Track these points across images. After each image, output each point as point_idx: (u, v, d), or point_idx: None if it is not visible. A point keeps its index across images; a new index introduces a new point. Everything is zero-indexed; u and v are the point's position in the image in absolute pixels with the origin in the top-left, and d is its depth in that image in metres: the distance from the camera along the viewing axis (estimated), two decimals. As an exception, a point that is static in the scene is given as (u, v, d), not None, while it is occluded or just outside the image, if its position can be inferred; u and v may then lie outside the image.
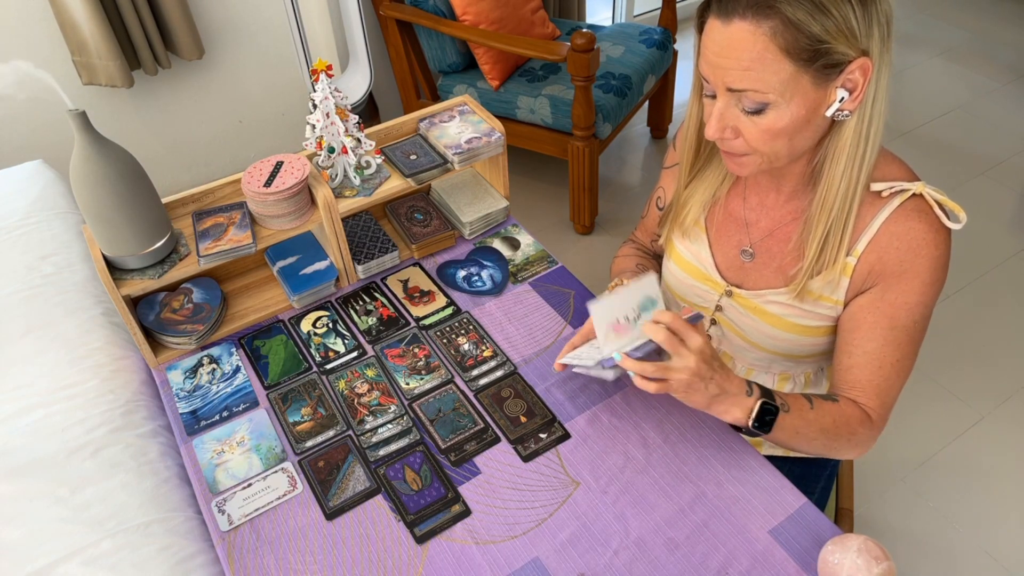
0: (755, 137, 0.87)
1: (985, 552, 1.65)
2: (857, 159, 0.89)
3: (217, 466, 1.02)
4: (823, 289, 0.97)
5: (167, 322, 1.15)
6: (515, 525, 0.93)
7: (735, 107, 0.86)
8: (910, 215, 0.91)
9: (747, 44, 0.81)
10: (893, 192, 0.92)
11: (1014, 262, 2.32)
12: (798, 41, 0.79)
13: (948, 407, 1.94)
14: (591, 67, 2.02)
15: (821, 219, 0.93)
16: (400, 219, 1.34)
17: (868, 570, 0.80)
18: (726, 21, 0.82)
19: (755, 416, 0.88)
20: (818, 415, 0.93)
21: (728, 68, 0.83)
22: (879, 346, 0.94)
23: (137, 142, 2.39)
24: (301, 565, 0.91)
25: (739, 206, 1.05)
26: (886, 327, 0.93)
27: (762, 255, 1.03)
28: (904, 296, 0.92)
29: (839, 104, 0.84)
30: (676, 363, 0.85)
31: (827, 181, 0.91)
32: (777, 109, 0.84)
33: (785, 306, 1.01)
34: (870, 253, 0.93)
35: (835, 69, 0.82)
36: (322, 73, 1.11)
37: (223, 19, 2.35)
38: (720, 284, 1.06)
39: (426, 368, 1.12)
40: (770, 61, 0.81)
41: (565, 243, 2.48)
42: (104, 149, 1.00)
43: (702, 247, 1.08)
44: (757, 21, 0.80)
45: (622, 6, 3.40)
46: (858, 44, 0.81)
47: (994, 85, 3.08)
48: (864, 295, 0.95)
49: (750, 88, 0.83)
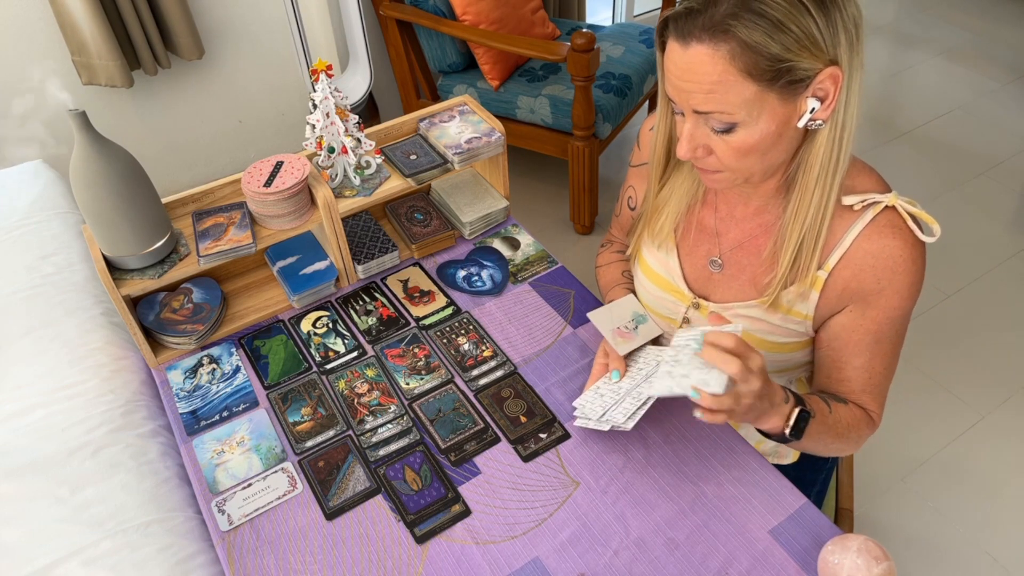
0: (727, 155, 0.86)
1: (985, 552, 1.65)
2: (831, 166, 0.87)
3: (217, 466, 1.02)
4: (793, 302, 0.96)
5: (167, 322, 1.15)
6: (515, 525, 0.93)
7: (704, 127, 0.85)
8: (884, 232, 0.89)
9: (707, 68, 0.79)
10: (865, 205, 0.90)
11: (1014, 262, 2.32)
12: (758, 63, 0.77)
13: (948, 407, 1.94)
14: (591, 67, 2.02)
15: (795, 229, 0.91)
16: (400, 219, 1.34)
17: (868, 570, 0.80)
18: (684, 44, 0.80)
19: (793, 424, 0.86)
20: (836, 419, 0.93)
21: (691, 91, 0.81)
22: (867, 360, 0.95)
23: (137, 142, 2.38)
24: (301, 565, 0.91)
25: (710, 215, 1.03)
26: (871, 342, 0.94)
27: (731, 266, 1.01)
28: (885, 312, 0.92)
29: (811, 114, 0.82)
30: (743, 389, 0.80)
31: (800, 190, 0.89)
32: (746, 127, 0.82)
33: (754, 321, 0.99)
34: (843, 269, 0.92)
35: (801, 83, 0.80)
36: (322, 73, 1.11)
37: (223, 19, 2.35)
38: (687, 296, 1.05)
39: (426, 368, 1.12)
40: (732, 83, 0.79)
41: (565, 243, 2.48)
42: (104, 149, 1.00)
43: (671, 257, 1.06)
44: (714, 44, 0.77)
45: (622, 6, 3.40)
46: (824, 55, 0.78)
47: (994, 85, 3.08)
48: (844, 314, 0.94)
49: (715, 110, 0.81)
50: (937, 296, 2.20)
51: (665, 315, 1.10)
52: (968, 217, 2.47)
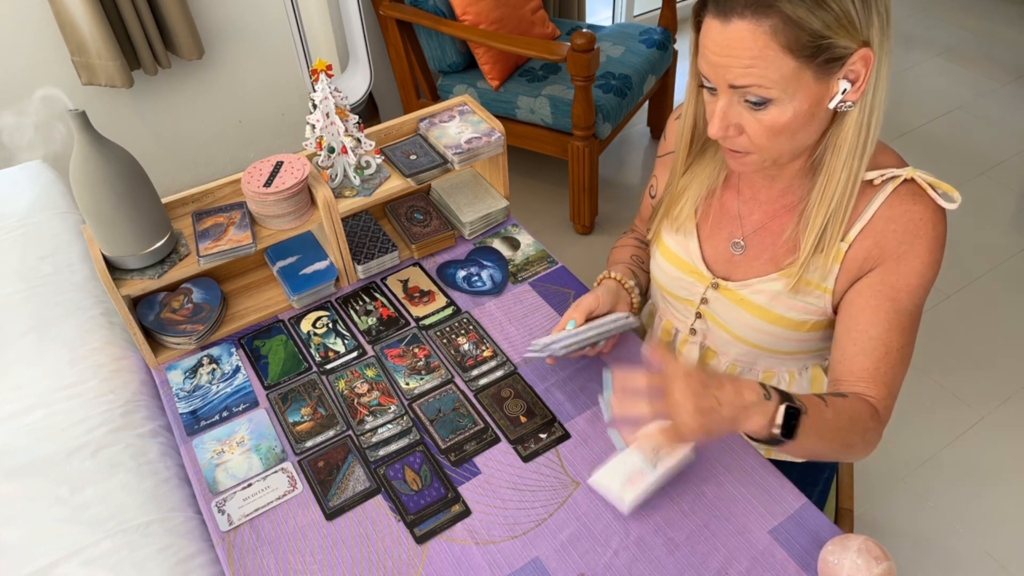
0: (758, 133, 0.87)
1: (985, 552, 1.65)
2: (858, 149, 0.88)
3: (217, 466, 1.02)
4: (813, 275, 0.96)
5: (167, 322, 1.15)
6: (515, 525, 0.93)
7: (737, 104, 0.86)
8: (905, 199, 0.91)
9: (748, 43, 0.80)
10: (885, 179, 0.92)
11: (1014, 262, 2.32)
12: (799, 38, 0.79)
13: (948, 407, 1.94)
14: (591, 67, 2.02)
15: (820, 210, 0.92)
16: (400, 219, 1.34)
17: (868, 570, 0.80)
18: (725, 20, 0.81)
19: (781, 422, 0.81)
20: (835, 413, 0.88)
21: (729, 66, 0.83)
22: (885, 331, 0.92)
23: (137, 142, 2.38)
24: (301, 565, 0.91)
25: (733, 198, 1.04)
26: (890, 310, 0.92)
27: (753, 247, 1.02)
28: (906, 278, 0.92)
29: (842, 95, 0.84)
30: (678, 421, 0.78)
31: (827, 172, 0.91)
32: (780, 105, 0.84)
33: (773, 296, 1.00)
34: (865, 239, 0.93)
35: (837, 62, 0.82)
36: (322, 73, 1.11)
37: (223, 19, 2.35)
38: (706, 276, 1.06)
39: (426, 368, 1.12)
40: (772, 58, 0.80)
41: (565, 243, 2.48)
42: (104, 149, 1.00)
43: (690, 239, 1.07)
44: (757, 20, 0.79)
45: (622, 6, 3.40)
46: (859, 35, 0.81)
47: (994, 85, 3.08)
48: (863, 280, 0.94)
49: (753, 84, 0.82)
50: (937, 296, 2.20)
51: (683, 296, 1.10)
52: (968, 217, 2.47)
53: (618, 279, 1.12)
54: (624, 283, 1.12)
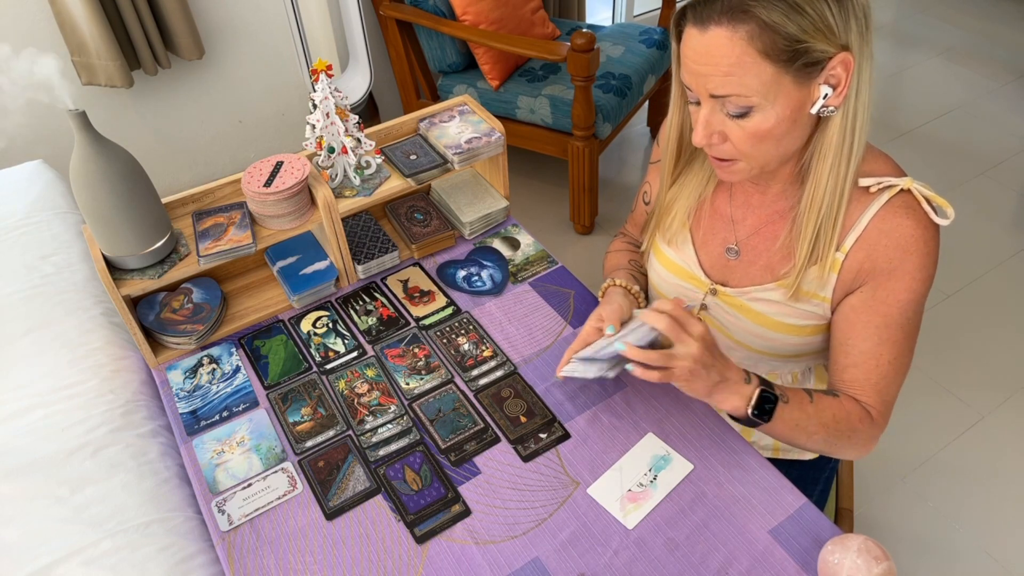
0: (742, 141, 0.87)
1: (985, 552, 1.65)
2: (844, 154, 0.89)
3: (217, 466, 1.02)
4: (811, 285, 0.97)
5: (167, 322, 1.15)
6: (515, 525, 0.93)
7: (720, 112, 0.87)
8: (898, 212, 0.91)
9: (725, 50, 0.81)
10: (881, 187, 0.92)
11: (1014, 262, 2.32)
12: (776, 43, 0.80)
13: (948, 407, 1.94)
14: (591, 67, 2.02)
15: (811, 217, 0.93)
16: (400, 219, 1.34)
17: (868, 570, 0.80)
18: (702, 29, 0.82)
19: (754, 404, 0.88)
20: (818, 409, 0.92)
21: (708, 75, 0.83)
22: (875, 345, 0.94)
23: (137, 142, 2.39)
24: (301, 565, 0.91)
25: (725, 203, 1.04)
26: (880, 325, 0.93)
27: (748, 252, 1.03)
28: (895, 294, 0.92)
29: (823, 100, 0.84)
30: (679, 350, 0.85)
31: (815, 178, 0.91)
32: (762, 111, 0.84)
33: (772, 304, 1.00)
34: (859, 250, 0.93)
35: (816, 67, 0.82)
36: (322, 73, 1.11)
37: (223, 19, 2.35)
38: (704, 283, 1.06)
39: (426, 368, 1.12)
40: (750, 65, 0.81)
41: (565, 243, 2.48)
42: (104, 149, 1.00)
43: (686, 246, 1.07)
44: (733, 26, 0.80)
45: (622, 6, 3.40)
46: (837, 40, 0.81)
47: (994, 85, 3.08)
48: (855, 295, 0.95)
49: (732, 93, 0.83)
50: (937, 296, 2.20)
51: None
52: (968, 217, 2.47)
53: (624, 286, 1.11)
54: (631, 289, 1.11)
